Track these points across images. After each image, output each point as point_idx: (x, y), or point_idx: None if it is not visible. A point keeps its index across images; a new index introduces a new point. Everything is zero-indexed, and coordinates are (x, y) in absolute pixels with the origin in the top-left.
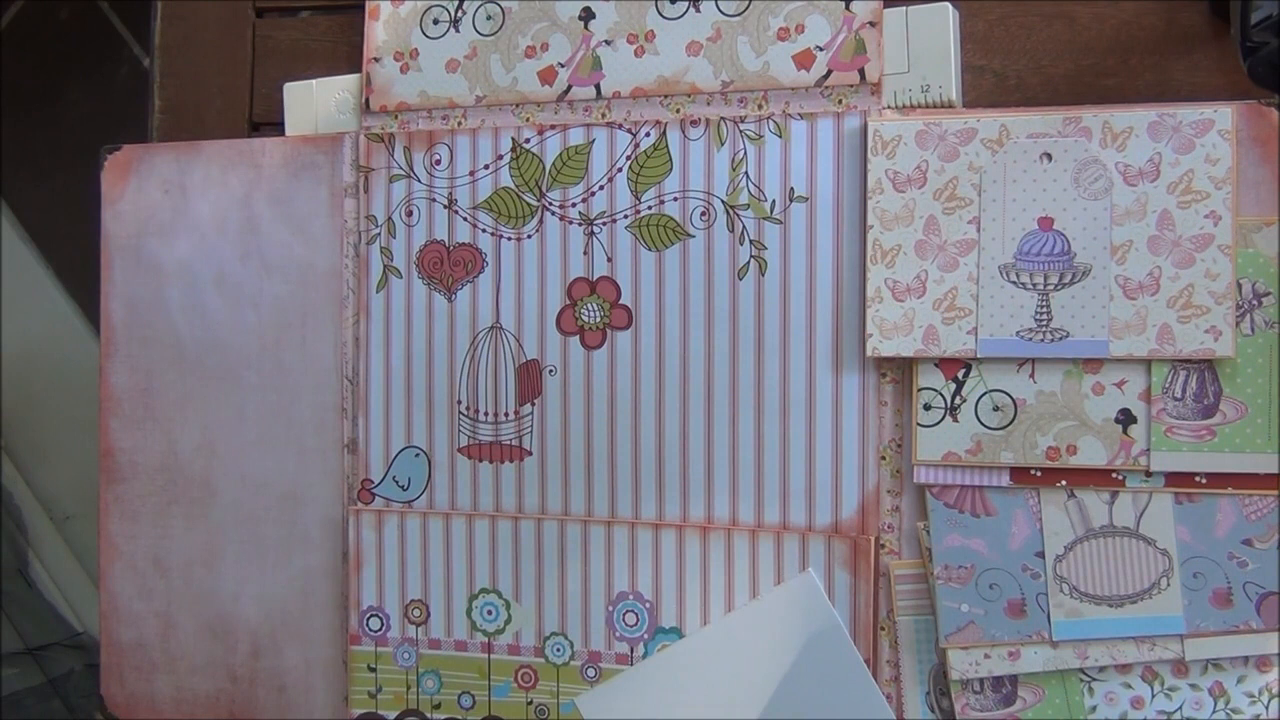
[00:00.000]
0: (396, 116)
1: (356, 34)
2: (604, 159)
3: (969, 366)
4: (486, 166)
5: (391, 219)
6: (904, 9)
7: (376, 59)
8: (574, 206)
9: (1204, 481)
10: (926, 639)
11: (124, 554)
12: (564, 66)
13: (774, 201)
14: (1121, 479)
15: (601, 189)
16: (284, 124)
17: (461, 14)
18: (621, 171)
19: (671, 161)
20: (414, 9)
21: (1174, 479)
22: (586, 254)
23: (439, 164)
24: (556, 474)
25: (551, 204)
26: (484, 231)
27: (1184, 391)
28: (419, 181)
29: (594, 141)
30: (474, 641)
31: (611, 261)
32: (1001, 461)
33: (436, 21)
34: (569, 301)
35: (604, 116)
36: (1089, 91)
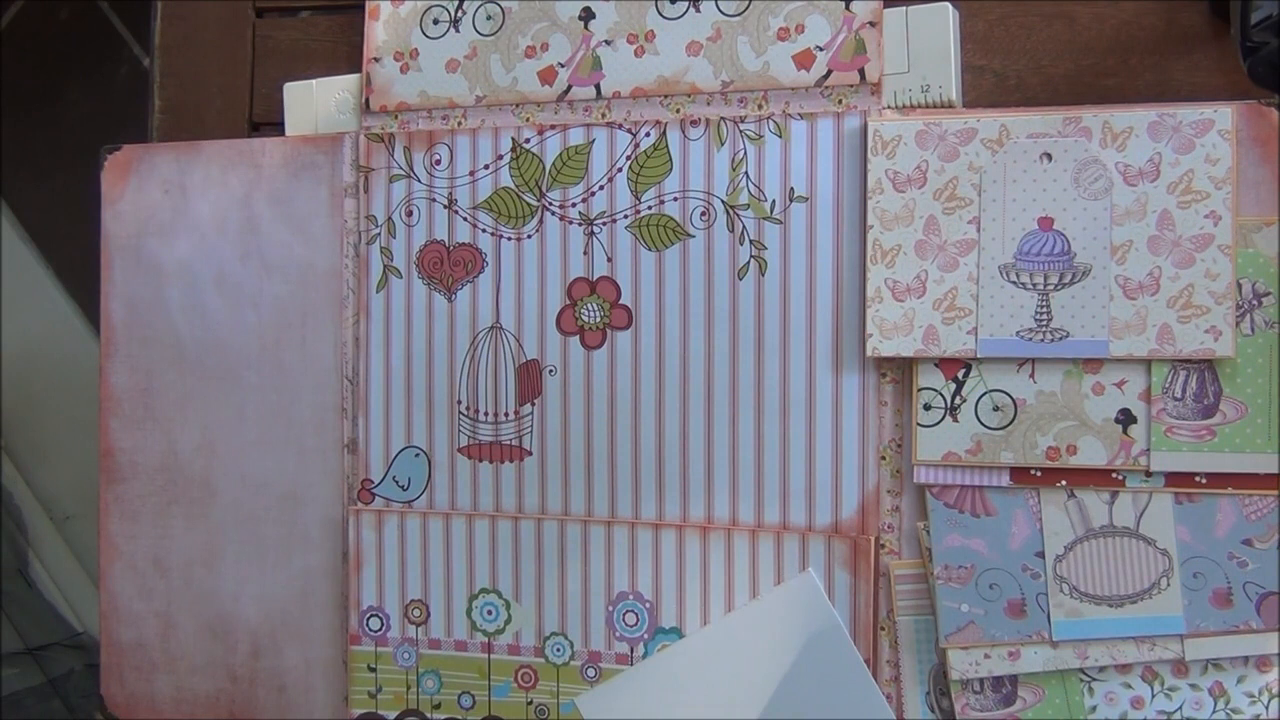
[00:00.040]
0: (396, 116)
1: (356, 34)
2: (604, 159)
3: (969, 366)
4: (486, 166)
5: (391, 219)
6: (904, 9)
7: (376, 59)
8: (574, 206)
9: (1204, 481)
10: (926, 639)
11: (124, 554)
12: (564, 66)
13: (774, 201)
14: (1121, 479)
15: (601, 189)
16: (284, 124)
17: (461, 14)
18: (621, 171)
19: (671, 161)
20: (414, 9)
21: (1174, 479)
22: (586, 254)
23: (439, 164)
24: (556, 474)
25: (551, 204)
26: (484, 231)
27: (1184, 391)
28: (419, 181)
29: (594, 141)
30: (474, 641)
31: (611, 261)
32: (1001, 461)
33: (436, 21)
34: (569, 301)
35: (604, 116)
36: (1089, 91)
